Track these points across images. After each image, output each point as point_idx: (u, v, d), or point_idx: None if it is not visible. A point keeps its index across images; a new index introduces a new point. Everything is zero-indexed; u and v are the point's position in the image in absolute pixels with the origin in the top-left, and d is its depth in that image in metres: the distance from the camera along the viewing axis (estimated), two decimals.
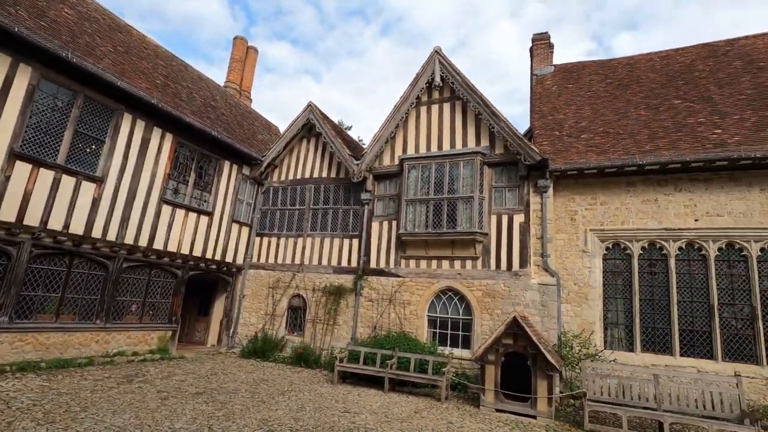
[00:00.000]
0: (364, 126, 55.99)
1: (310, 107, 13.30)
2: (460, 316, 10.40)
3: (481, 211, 10.32)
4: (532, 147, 9.99)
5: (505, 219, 10.30)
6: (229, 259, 12.95)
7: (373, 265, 11.68)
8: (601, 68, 13.73)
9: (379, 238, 11.75)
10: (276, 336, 12.26)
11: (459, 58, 72.52)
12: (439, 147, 11.37)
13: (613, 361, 8.60)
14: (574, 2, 63.97)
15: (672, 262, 9.15)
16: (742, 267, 8.72)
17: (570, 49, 63.58)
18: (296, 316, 12.56)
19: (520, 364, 7.94)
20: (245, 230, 13.61)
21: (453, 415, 7.37)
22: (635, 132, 10.36)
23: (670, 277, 9.11)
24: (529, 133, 12.18)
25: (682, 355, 8.73)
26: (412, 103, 11.71)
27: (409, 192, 11.21)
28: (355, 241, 12.12)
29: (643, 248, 9.47)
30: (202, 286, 13.71)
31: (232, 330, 13.05)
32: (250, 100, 19.22)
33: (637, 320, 9.18)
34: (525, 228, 10.04)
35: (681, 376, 7.52)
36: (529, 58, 15.05)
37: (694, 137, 9.53)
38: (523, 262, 9.90)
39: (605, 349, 9.18)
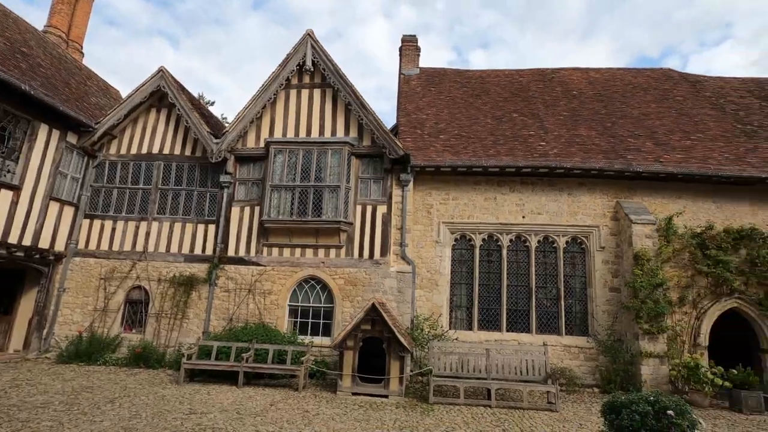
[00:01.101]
0: (229, 104, 51.79)
1: (162, 73, 11.63)
2: (322, 305, 10.44)
3: (347, 200, 10.47)
4: (397, 142, 10.50)
5: (369, 209, 10.65)
6: (44, 244, 10.58)
7: (231, 253, 10.88)
8: (459, 77, 15.18)
9: (240, 225, 10.99)
10: (108, 335, 10.53)
11: (333, 46, 72.48)
12: (308, 133, 11.14)
13: (456, 339, 9.70)
14: (441, 13, 69.68)
15: (504, 252, 10.69)
16: (553, 257, 10.68)
17: (434, 55, 69.10)
18: (136, 311, 10.97)
19: (378, 348, 8.33)
20: (69, 210, 11.28)
21: (309, 403, 7.36)
22: (483, 137, 11.74)
23: (503, 265, 10.63)
24: (395, 129, 12.81)
25: (507, 330, 10.29)
26: (281, 85, 11.19)
27: (274, 177, 10.72)
28: (212, 227, 11.11)
29: (483, 240, 10.84)
30: (1, 277, 10.94)
31: (46, 331, 10.74)
32: (82, 54, 15.91)
33: (476, 303, 10.50)
34: (387, 219, 10.55)
35: (506, 349, 8.85)
36: (399, 58, 15.80)
37: (526, 147, 11.24)
38: (384, 251, 10.39)
39: (450, 329, 10.27)
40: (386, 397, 7.90)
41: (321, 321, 10.37)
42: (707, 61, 58.57)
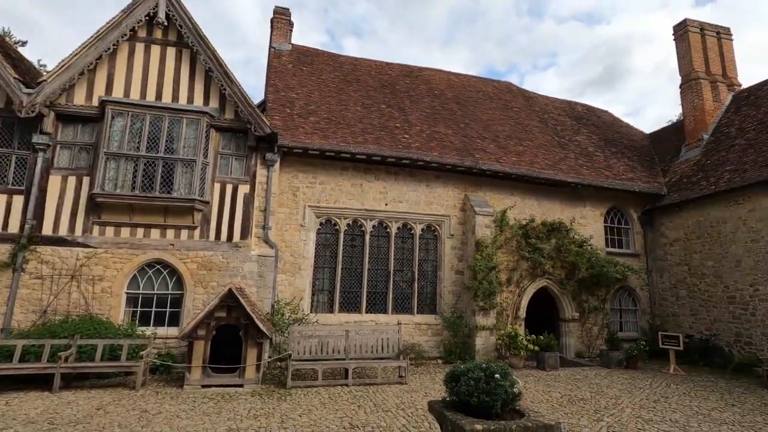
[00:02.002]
0: (52, 50, 41.89)
1: None
2: (170, 291, 9.35)
3: (203, 177, 9.51)
4: (264, 119, 9.92)
5: (229, 188, 9.87)
6: None
7: (48, 231, 8.90)
8: (332, 60, 15.04)
9: (61, 197, 9.05)
10: None
11: (195, 4, 64.61)
12: (158, 97, 9.71)
13: (316, 322, 9.75)
14: None
15: (367, 237, 11.10)
16: (410, 242, 11.52)
17: (307, 36, 67.23)
18: None
19: (235, 336, 7.84)
20: None
21: (150, 402, 6.55)
22: (352, 124, 11.90)
23: (365, 250, 11.04)
24: (262, 105, 12.07)
25: (367, 312, 10.77)
26: (125, 35, 9.47)
27: (112, 144, 9.09)
28: (18, 198, 8.90)
29: (348, 225, 11.07)
30: None
31: None
32: None
33: (339, 286, 10.70)
34: (249, 199, 9.93)
35: (364, 330, 9.26)
36: (270, 31, 14.88)
37: (392, 137, 11.78)
38: (245, 233, 9.79)
39: (312, 312, 10.28)
40: (241, 386, 7.53)
41: (168, 310, 9.29)
42: (537, 81, 69.99)
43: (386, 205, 11.30)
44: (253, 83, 59.29)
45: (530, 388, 8.16)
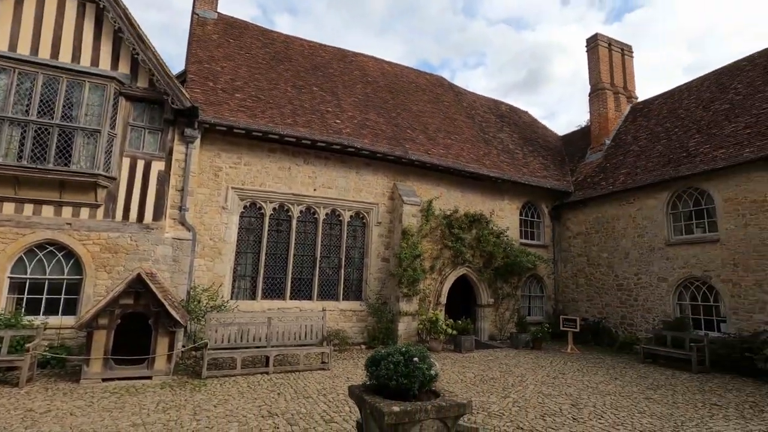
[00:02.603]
0: None
1: None
2: (66, 277, 8.33)
3: (110, 150, 8.54)
4: (184, 91, 9.13)
5: (141, 164, 8.98)
6: None
7: None
8: (262, 35, 14.26)
9: None
10: None
11: None
12: (54, 55, 8.47)
13: (237, 309, 9.35)
14: None
15: (294, 223, 10.82)
16: (338, 229, 11.45)
17: (235, 6, 63.08)
18: None
19: (144, 325, 7.22)
20: None
21: (37, 399, 5.83)
22: (282, 105, 11.44)
23: (291, 235, 10.76)
24: (183, 77, 11.11)
25: (291, 299, 10.56)
26: None
27: None
28: None
29: (274, 209, 10.69)
30: None
31: None
32: None
33: (262, 272, 10.33)
34: (164, 177, 9.14)
35: (288, 316, 9.06)
36: None
37: (323, 122, 11.53)
38: (158, 214, 9.00)
39: (232, 299, 9.82)
40: (150, 378, 6.99)
41: (62, 297, 8.29)
42: (467, 78, 72.87)
43: (315, 190, 11.09)
44: (172, 52, 54.37)
45: (447, 369, 8.61)
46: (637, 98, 16.48)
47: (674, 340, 10.06)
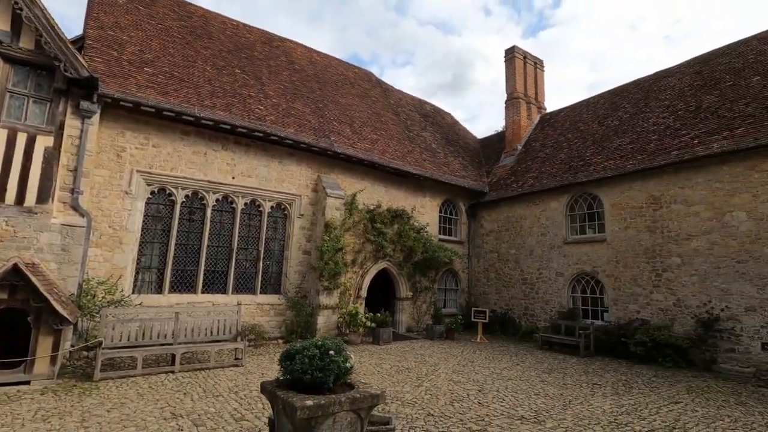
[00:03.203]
0: None
1: None
2: None
3: None
4: (80, 58, 8.05)
5: (22, 138, 7.76)
6: None
7: None
8: (179, 7, 13.11)
9: None
10: None
11: None
12: None
13: (140, 304, 8.54)
14: None
15: (209, 212, 10.16)
16: (258, 220, 10.99)
17: None
18: None
19: (24, 322, 6.29)
20: None
21: None
22: (199, 84, 10.64)
23: (205, 225, 10.09)
24: (80, 43, 9.81)
25: (203, 292, 9.91)
26: None
27: None
28: None
29: (186, 196, 9.93)
30: None
31: None
32: None
33: (171, 264, 9.56)
34: (53, 155, 8.00)
35: (199, 311, 8.50)
36: None
37: (244, 106, 10.95)
38: (44, 196, 7.86)
39: (134, 293, 8.97)
40: (28, 383, 6.12)
41: None
42: (395, 76, 74.06)
43: (233, 178, 10.50)
44: (70, 13, 47.75)
45: (365, 361, 8.73)
46: (546, 109, 18.04)
47: (567, 328, 11.26)
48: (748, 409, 6.27)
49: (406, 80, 72.12)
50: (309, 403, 3.03)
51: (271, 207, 11.16)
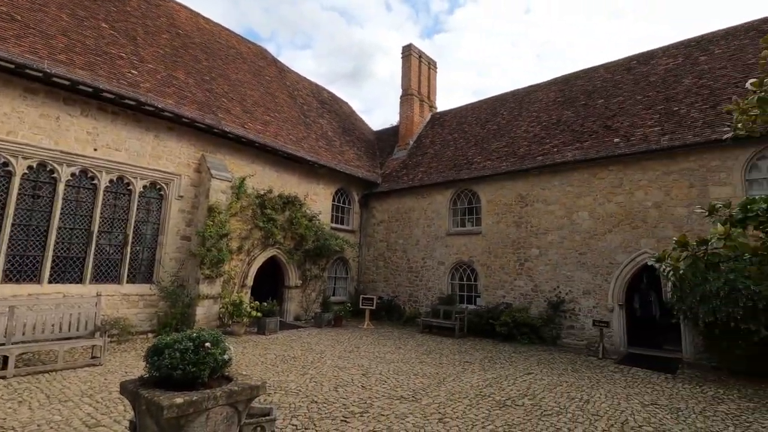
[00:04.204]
0: None
1: None
2: None
3: None
4: None
5: None
6: None
7: None
8: None
9: None
10: None
11: None
12: None
13: None
14: None
15: (61, 188, 8.62)
16: (126, 200, 9.68)
17: None
18: None
19: None
20: None
21: None
22: (51, 35, 8.89)
23: (56, 203, 8.55)
24: None
25: (51, 282, 8.42)
26: None
27: None
28: None
29: (30, 168, 8.28)
30: None
31: None
32: None
33: (4, 249, 7.89)
34: None
35: (44, 304, 7.20)
36: None
37: (112, 68, 9.48)
38: None
39: None
40: None
41: None
42: (293, 57, 71.41)
43: (95, 150, 9.07)
44: None
45: (248, 352, 8.36)
46: (437, 108, 19.17)
47: (445, 312, 12.24)
48: (581, 375, 7.57)
49: (304, 63, 70.17)
50: (178, 400, 2.77)
51: (144, 186, 9.93)
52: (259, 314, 10.58)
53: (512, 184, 12.29)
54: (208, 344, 3.19)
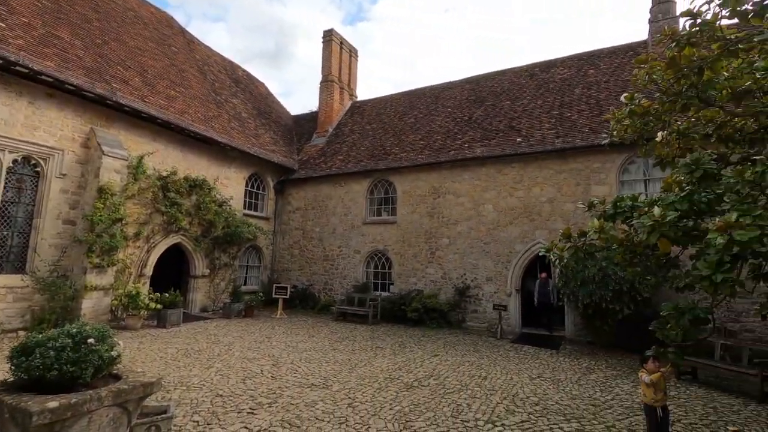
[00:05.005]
0: None
1: None
2: None
3: None
4: None
5: None
6: None
7: None
8: None
9: None
10: None
11: None
12: None
13: None
14: None
15: None
16: None
17: None
18: None
19: None
20: None
21: None
22: None
23: None
24: None
25: None
26: None
27: None
28: None
29: None
30: None
31: None
32: None
33: None
34: None
35: None
36: None
37: None
38: None
39: None
40: None
41: None
42: (205, 30, 65.98)
43: None
44: None
45: (146, 348, 7.69)
46: (357, 97, 19.12)
47: (359, 300, 12.43)
48: (481, 354, 8.23)
49: (218, 37, 65.26)
50: (52, 405, 2.46)
51: (15, 161, 8.52)
52: (159, 306, 9.76)
53: (427, 176, 12.79)
54: (91, 340, 2.87)
